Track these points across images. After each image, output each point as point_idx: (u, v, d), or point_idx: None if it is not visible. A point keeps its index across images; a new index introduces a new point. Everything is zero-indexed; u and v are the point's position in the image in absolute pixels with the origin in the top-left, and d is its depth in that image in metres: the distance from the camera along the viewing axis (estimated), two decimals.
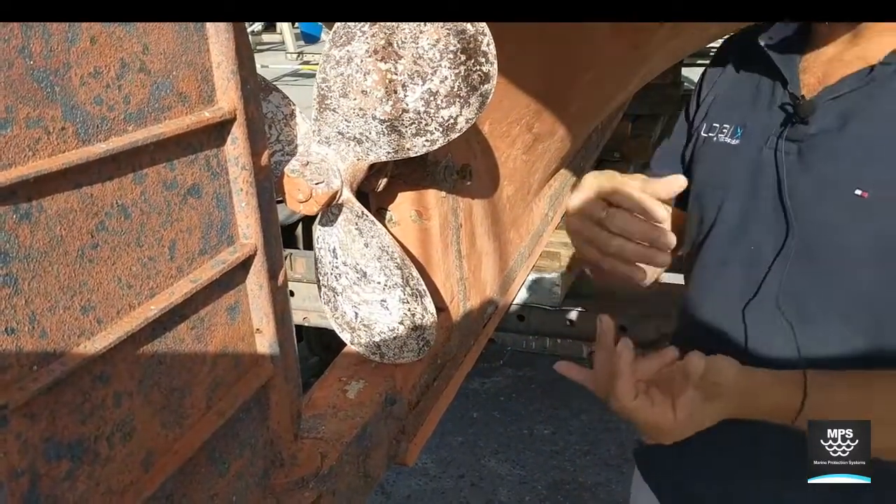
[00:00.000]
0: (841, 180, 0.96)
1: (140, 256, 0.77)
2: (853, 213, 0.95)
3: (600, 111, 2.99)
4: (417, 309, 1.27)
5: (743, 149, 1.10)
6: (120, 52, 0.72)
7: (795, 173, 1.01)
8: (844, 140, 0.97)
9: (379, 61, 1.05)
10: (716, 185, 1.14)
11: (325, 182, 1.13)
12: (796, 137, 1.02)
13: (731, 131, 1.13)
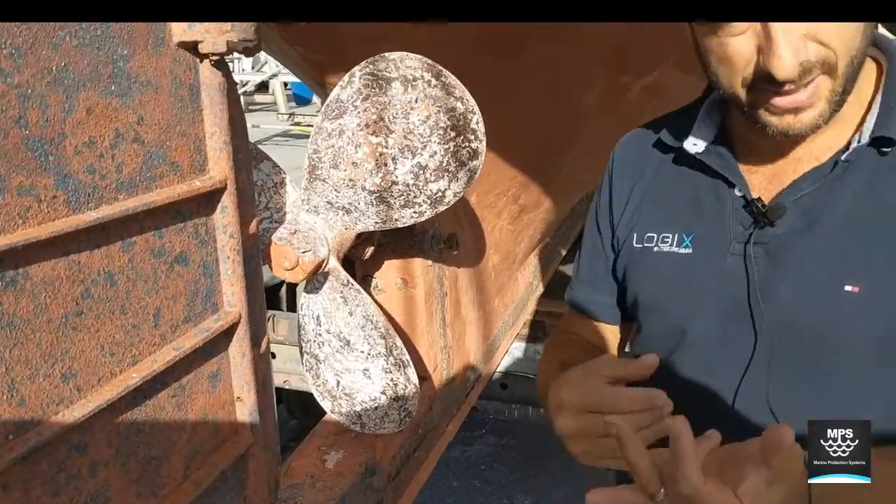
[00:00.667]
0: (826, 278, 0.94)
1: (124, 324, 0.76)
2: (845, 310, 0.93)
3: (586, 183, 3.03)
4: (400, 379, 1.26)
5: (699, 258, 1.05)
6: (115, 122, 0.73)
7: (769, 277, 0.99)
8: (816, 238, 0.96)
9: (370, 135, 1.07)
10: (676, 297, 1.09)
11: (312, 250, 1.13)
12: (762, 241, 1.00)
13: (677, 240, 1.08)
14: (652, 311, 1.12)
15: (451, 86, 1.05)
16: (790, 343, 0.97)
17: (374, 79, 1.06)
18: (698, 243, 1.05)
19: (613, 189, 1.18)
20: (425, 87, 1.05)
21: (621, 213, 1.17)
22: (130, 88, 0.75)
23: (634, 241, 1.13)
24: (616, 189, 1.18)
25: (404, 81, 1.05)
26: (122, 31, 0.73)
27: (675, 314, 1.08)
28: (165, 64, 0.80)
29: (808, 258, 0.96)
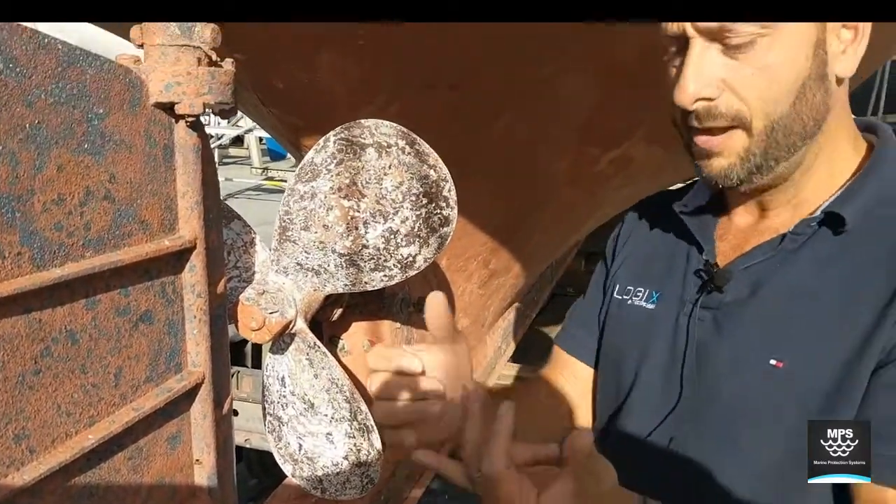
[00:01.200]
0: (754, 349, 0.95)
1: (83, 383, 0.75)
2: (769, 384, 0.93)
3: (555, 250, 3.07)
4: (364, 444, 1.24)
5: (660, 315, 1.09)
6: (86, 180, 0.73)
7: (710, 342, 1.00)
8: (756, 308, 0.97)
9: (342, 198, 1.08)
10: (632, 351, 1.12)
11: (280, 311, 1.13)
12: (711, 305, 1.01)
13: (647, 295, 1.12)
14: (611, 362, 1.17)
15: (424, 154, 1.07)
16: (713, 408, 0.98)
17: (349, 144, 1.07)
18: (662, 300, 1.10)
19: (617, 241, 1.25)
20: (399, 154, 1.07)
21: (612, 263, 1.23)
22: (104, 147, 0.75)
23: (616, 292, 1.18)
24: (618, 241, 1.25)
25: (378, 148, 1.07)
26: (98, 90, 0.74)
27: (627, 367, 1.12)
28: (141, 123, 0.80)
29: (744, 328, 0.97)
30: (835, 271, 0.93)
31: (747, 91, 0.88)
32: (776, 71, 0.86)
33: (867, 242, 0.92)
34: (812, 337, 0.91)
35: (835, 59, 0.89)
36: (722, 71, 0.87)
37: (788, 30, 0.85)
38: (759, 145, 0.90)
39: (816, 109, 0.90)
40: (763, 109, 0.88)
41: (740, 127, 0.90)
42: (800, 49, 0.86)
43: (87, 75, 0.72)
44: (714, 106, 0.89)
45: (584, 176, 2.11)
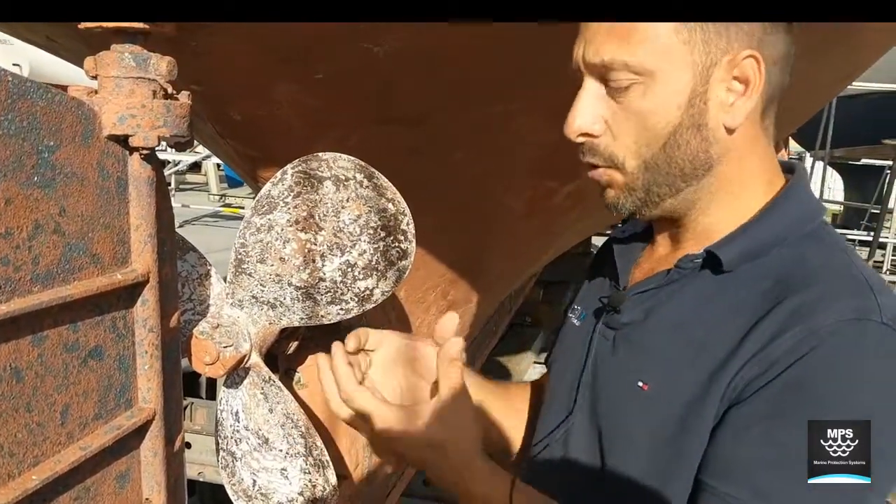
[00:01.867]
0: (630, 370, 1.01)
1: (28, 422, 0.73)
2: (636, 404, 1.00)
3: (514, 280, 3.08)
4: (319, 480, 1.23)
5: (581, 330, 1.17)
6: (35, 213, 0.71)
7: (605, 359, 1.07)
8: (642, 334, 1.03)
9: (299, 231, 1.07)
10: (557, 363, 1.22)
11: (234, 345, 1.11)
12: (613, 325, 1.07)
13: (578, 313, 1.20)
14: (550, 368, 1.27)
15: (382, 187, 1.07)
16: (594, 418, 1.06)
17: (306, 177, 1.07)
18: (585, 318, 1.18)
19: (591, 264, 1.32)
20: (357, 188, 1.07)
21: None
22: (54, 179, 0.74)
23: (569, 311, 1.26)
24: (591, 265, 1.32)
25: (336, 181, 1.07)
26: (49, 122, 0.73)
27: (553, 373, 1.24)
28: (93, 156, 0.79)
29: (628, 350, 1.04)
30: (710, 308, 0.98)
31: (621, 133, 0.94)
32: (646, 117, 0.93)
33: (742, 285, 0.96)
34: (674, 365, 0.97)
35: (720, 110, 0.93)
36: (606, 111, 0.94)
37: (662, 80, 0.91)
38: (635, 182, 0.97)
39: (693, 155, 0.95)
40: (635, 151, 0.95)
41: (613, 167, 0.97)
42: (671, 99, 0.92)
43: (38, 107, 0.71)
44: (594, 144, 0.96)
45: (541, 209, 2.14)
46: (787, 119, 3.23)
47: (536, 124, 1.70)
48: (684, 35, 0.90)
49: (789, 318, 0.89)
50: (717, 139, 0.95)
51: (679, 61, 0.91)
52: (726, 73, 0.92)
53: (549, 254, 3.05)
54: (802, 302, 0.90)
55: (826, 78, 2.55)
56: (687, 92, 0.92)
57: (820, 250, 0.98)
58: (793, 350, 0.87)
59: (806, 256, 0.96)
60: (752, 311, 0.93)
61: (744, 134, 0.96)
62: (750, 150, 0.98)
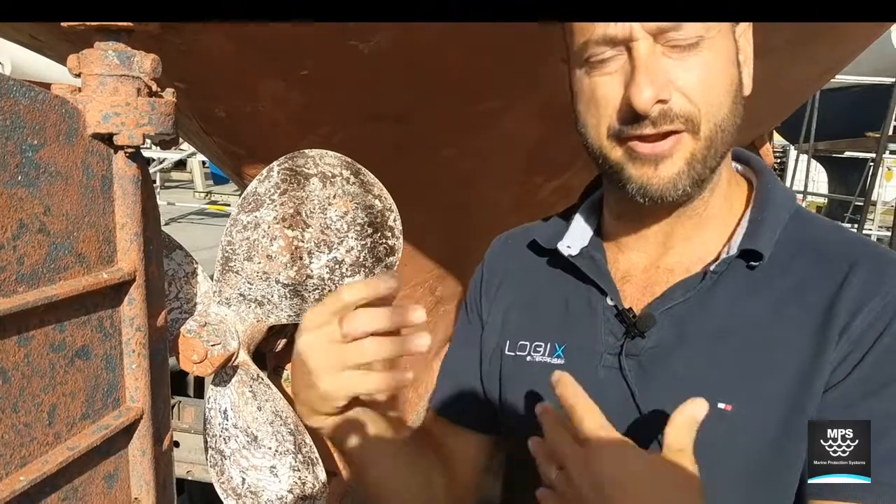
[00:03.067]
0: (699, 393, 0.85)
1: (15, 423, 0.72)
2: (718, 428, 0.87)
3: None
4: (308, 477, 1.22)
5: (572, 369, 0.93)
6: (20, 213, 0.71)
7: (644, 389, 0.93)
8: (691, 350, 0.91)
9: (286, 228, 1.07)
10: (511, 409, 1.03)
11: (222, 344, 1.11)
12: (634, 352, 0.94)
13: (549, 349, 1.02)
14: (527, 421, 1.00)
15: (369, 184, 1.07)
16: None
17: (293, 174, 1.07)
18: (571, 354, 1.00)
19: (483, 286, 1.14)
20: (344, 184, 1.06)
21: (489, 312, 1.11)
22: (38, 178, 0.73)
23: (507, 348, 1.06)
24: (485, 286, 1.13)
25: (323, 178, 1.06)
26: (33, 120, 0.72)
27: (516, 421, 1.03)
28: (78, 154, 0.79)
29: (681, 372, 0.92)
30: (756, 305, 0.91)
31: (695, 93, 0.86)
32: (719, 74, 0.87)
33: (779, 272, 0.92)
34: (754, 377, 0.88)
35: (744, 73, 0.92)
36: (670, 72, 0.85)
37: (720, 39, 0.87)
38: (702, 151, 0.88)
39: (738, 120, 0.90)
40: (709, 111, 0.87)
41: (688, 131, 0.87)
42: (730, 55, 0.89)
43: (21, 106, 0.70)
44: (669, 108, 0.86)
45: (527, 204, 2.14)
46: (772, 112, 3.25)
47: (523, 121, 1.71)
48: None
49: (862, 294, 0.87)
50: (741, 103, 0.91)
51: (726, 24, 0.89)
52: (741, 35, 0.91)
53: None
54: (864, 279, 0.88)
55: (812, 70, 2.56)
56: (734, 52, 0.89)
57: (813, 226, 0.98)
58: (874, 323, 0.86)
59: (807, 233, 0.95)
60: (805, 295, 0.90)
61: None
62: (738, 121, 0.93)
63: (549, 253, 1.06)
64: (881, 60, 8.17)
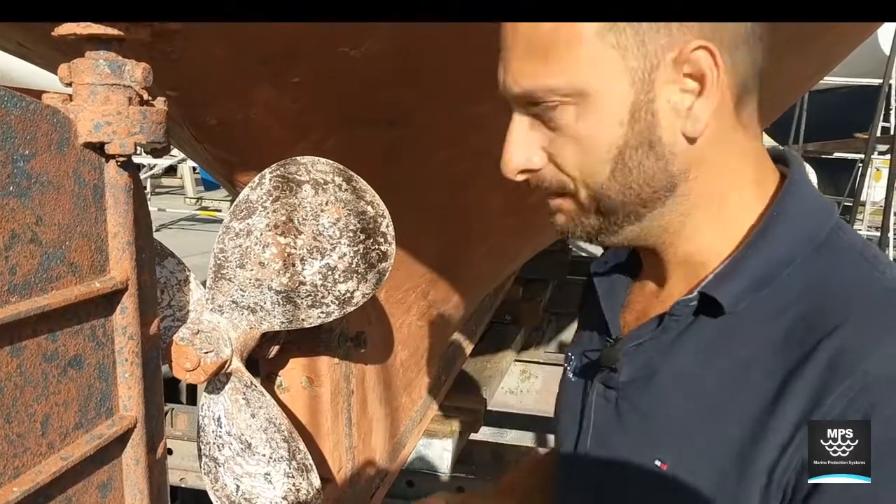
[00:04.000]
0: (643, 445, 0.85)
1: (8, 433, 0.72)
2: (652, 486, 0.84)
3: (494, 279, 3.09)
4: (302, 484, 1.22)
5: (577, 387, 0.98)
6: (12, 223, 0.71)
7: (611, 428, 0.90)
8: (649, 398, 0.87)
9: (279, 235, 1.07)
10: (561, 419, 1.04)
11: (215, 351, 1.11)
12: (611, 385, 0.91)
13: (573, 364, 1.02)
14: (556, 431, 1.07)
15: (361, 190, 1.07)
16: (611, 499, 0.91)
17: (285, 181, 1.07)
18: (579, 372, 1.00)
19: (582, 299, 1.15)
20: (336, 191, 1.06)
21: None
22: (30, 188, 0.73)
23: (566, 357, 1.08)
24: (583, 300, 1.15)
25: (315, 185, 1.07)
26: (24, 131, 0.72)
27: (560, 434, 1.04)
28: (69, 164, 0.79)
29: (636, 419, 0.88)
30: (719, 360, 0.82)
31: (565, 162, 0.82)
32: (585, 142, 0.80)
33: (752, 328, 0.81)
34: (690, 435, 0.82)
35: (675, 118, 0.79)
36: (543, 140, 0.82)
37: (596, 97, 0.78)
38: (589, 210, 0.84)
39: (650, 177, 0.81)
40: (583, 180, 0.82)
41: (568, 195, 0.84)
42: (610, 117, 0.78)
43: (12, 116, 0.70)
44: (541, 177, 0.84)
45: (519, 207, 2.14)
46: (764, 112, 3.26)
47: None
48: (611, 39, 0.76)
49: (830, 374, 0.73)
50: (676, 153, 0.80)
51: (611, 71, 0.77)
52: (675, 73, 0.77)
53: (528, 251, 3.07)
54: (840, 347, 0.74)
55: (806, 69, 2.58)
56: (627, 105, 0.78)
57: (839, 265, 0.81)
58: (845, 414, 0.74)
59: (826, 277, 0.80)
60: (773, 362, 0.78)
61: (713, 138, 0.81)
62: (725, 155, 0.83)
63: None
64: (869, 62, 8.21)
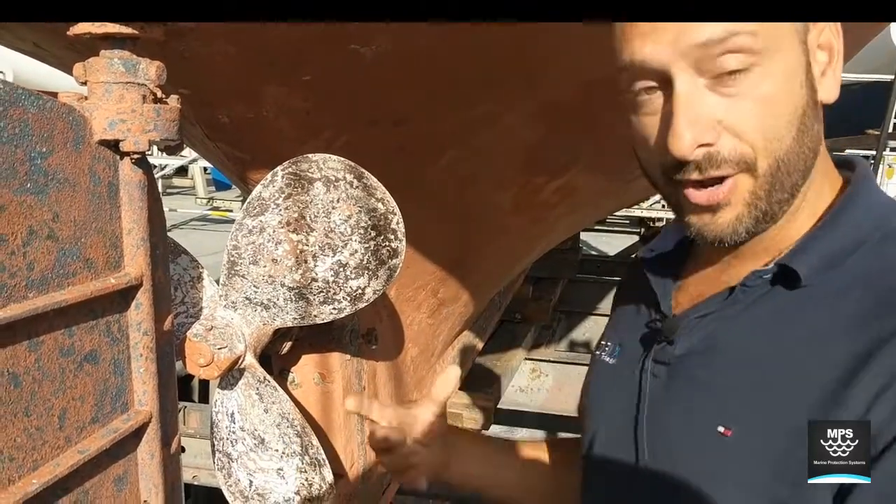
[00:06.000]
0: (705, 415, 0.85)
1: (27, 426, 0.74)
2: (714, 452, 0.83)
3: (503, 277, 3.09)
4: (315, 479, 1.23)
5: (619, 369, 0.99)
6: (29, 219, 0.72)
7: (661, 400, 0.91)
8: (707, 368, 0.87)
9: (291, 232, 1.08)
10: (594, 408, 1.04)
11: (229, 347, 1.12)
12: (663, 359, 0.91)
13: (611, 350, 1.04)
14: (583, 416, 1.08)
15: (372, 187, 1.08)
16: (667, 474, 0.90)
17: (297, 178, 1.08)
18: (623, 354, 1.01)
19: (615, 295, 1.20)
20: (347, 188, 1.07)
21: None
22: (47, 185, 0.75)
23: (597, 347, 1.09)
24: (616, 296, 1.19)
25: (326, 182, 1.07)
26: (41, 129, 0.73)
27: (590, 425, 1.05)
28: (85, 161, 0.80)
29: (693, 389, 0.88)
30: (790, 333, 0.82)
31: (748, 128, 0.77)
32: (775, 102, 0.77)
33: (826, 302, 0.81)
34: (759, 406, 0.82)
35: (818, 84, 0.80)
36: (717, 110, 0.77)
37: (780, 55, 0.76)
38: (763, 188, 0.79)
39: (815, 140, 0.81)
40: (767, 147, 0.77)
41: (744, 171, 0.78)
42: (794, 75, 0.77)
43: (29, 114, 0.72)
44: (716, 152, 0.77)
45: (529, 205, 2.15)
46: None
47: (523, 121, 1.71)
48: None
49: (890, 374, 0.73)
50: (821, 119, 0.81)
51: (787, 31, 0.76)
52: (815, 40, 0.79)
53: (538, 250, 3.07)
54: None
55: None
56: (803, 64, 0.77)
57: None
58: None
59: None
60: (845, 337, 0.78)
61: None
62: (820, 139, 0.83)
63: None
64: (880, 57, 8.17)
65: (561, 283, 4.93)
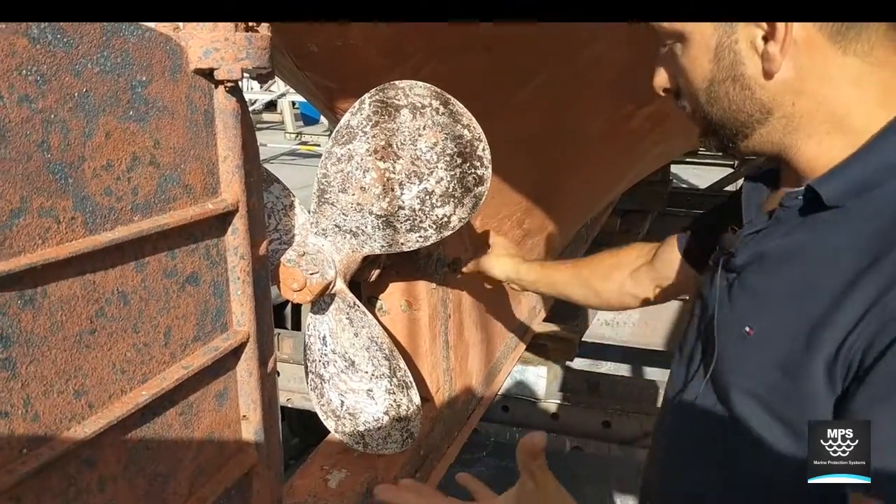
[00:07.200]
0: (740, 316, 0.99)
1: (136, 342, 0.78)
2: (738, 348, 0.98)
3: (590, 209, 3.06)
4: (403, 400, 1.27)
5: (707, 280, 1.11)
6: (133, 146, 0.75)
7: (724, 305, 1.03)
8: (758, 278, 0.99)
9: (378, 160, 1.09)
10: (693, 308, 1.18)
11: (320, 272, 1.15)
12: (730, 268, 1.04)
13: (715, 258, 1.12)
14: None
15: (458, 114, 1.07)
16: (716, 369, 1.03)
17: (384, 106, 1.08)
18: (714, 265, 1.11)
19: None
20: (433, 115, 1.07)
21: None
22: (148, 113, 0.77)
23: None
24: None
25: (413, 109, 1.08)
26: (141, 58, 0.76)
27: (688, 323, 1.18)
28: (182, 90, 0.82)
29: (741, 297, 1.01)
30: (816, 248, 0.92)
31: (682, 88, 1.01)
32: (688, 74, 0.98)
33: (850, 226, 0.90)
34: (777, 307, 0.94)
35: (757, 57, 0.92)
36: (676, 69, 1.00)
37: (693, 37, 0.95)
38: (709, 125, 1.00)
39: (739, 105, 0.96)
40: (692, 104, 1.00)
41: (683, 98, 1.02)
42: (701, 54, 0.96)
43: (130, 44, 0.74)
44: (680, 94, 1.02)
45: (619, 133, 2.10)
46: None
47: (612, 46, 1.67)
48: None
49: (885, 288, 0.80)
50: (763, 85, 0.93)
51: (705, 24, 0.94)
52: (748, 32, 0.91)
53: (627, 180, 3.01)
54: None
55: None
56: (713, 45, 0.94)
57: None
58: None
59: None
60: (856, 254, 0.86)
61: (808, 72, 0.91)
62: (828, 85, 0.91)
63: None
64: None
65: (650, 217, 4.84)
